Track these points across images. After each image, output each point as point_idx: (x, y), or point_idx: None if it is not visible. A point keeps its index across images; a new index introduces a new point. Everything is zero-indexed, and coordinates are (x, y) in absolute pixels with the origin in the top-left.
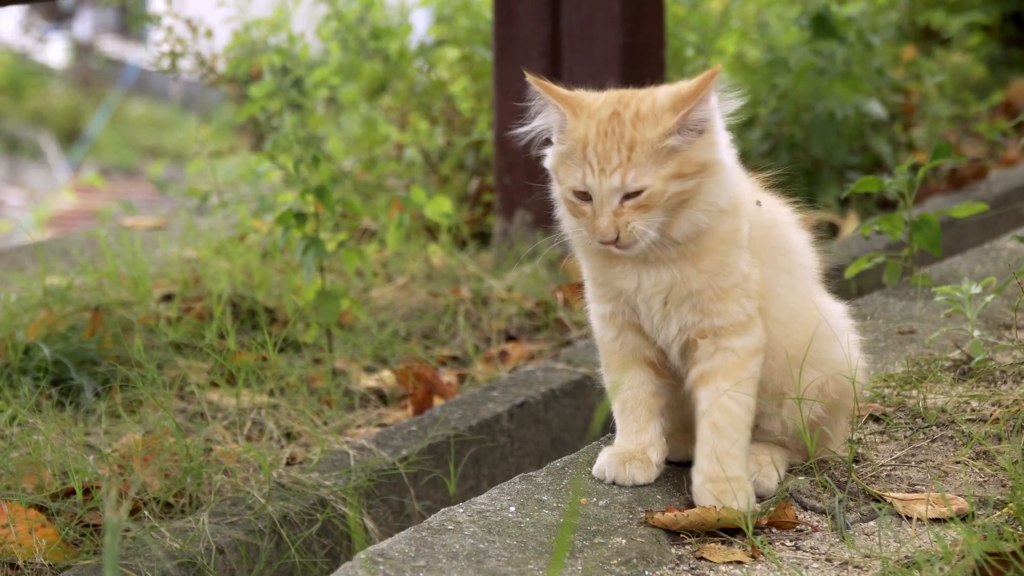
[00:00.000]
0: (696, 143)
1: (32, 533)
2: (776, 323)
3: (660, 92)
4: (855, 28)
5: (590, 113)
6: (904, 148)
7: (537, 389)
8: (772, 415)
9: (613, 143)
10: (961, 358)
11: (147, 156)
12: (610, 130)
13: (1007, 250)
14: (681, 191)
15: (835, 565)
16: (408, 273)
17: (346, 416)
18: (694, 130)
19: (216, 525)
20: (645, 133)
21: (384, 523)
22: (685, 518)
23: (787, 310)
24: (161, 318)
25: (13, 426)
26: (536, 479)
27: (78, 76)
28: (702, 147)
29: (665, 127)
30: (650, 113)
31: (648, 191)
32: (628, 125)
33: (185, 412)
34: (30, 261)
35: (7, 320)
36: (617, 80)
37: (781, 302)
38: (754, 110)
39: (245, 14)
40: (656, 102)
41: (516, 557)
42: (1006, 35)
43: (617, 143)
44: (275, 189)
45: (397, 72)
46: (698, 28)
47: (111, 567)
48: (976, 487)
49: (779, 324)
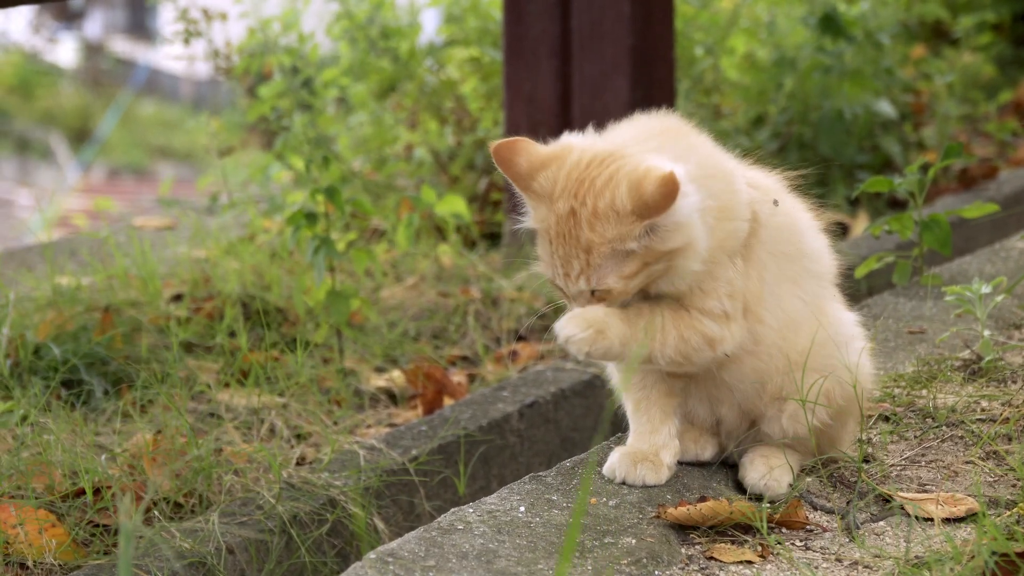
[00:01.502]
0: (665, 236)
1: (42, 533)
2: (769, 329)
3: (622, 184)
4: (863, 27)
5: (551, 201)
6: (914, 148)
7: (547, 389)
8: (772, 419)
9: (572, 247)
10: (971, 358)
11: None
12: (568, 232)
13: (1017, 250)
14: (649, 276)
15: (845, 565)
16: (418, 273)
17: (356, 416)
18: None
19: (226, 525)
20: (604, 234)
21: (394, 523)
22: (698, 511)
23: (784, 316)
24: (171, 318)
25: (24, 426)
26: (546, 479)
27: (88, 76)
28: (670, 239)
29: (624, 232)
30: (609, 211)
31: (611, 291)
32: (584, 227)
33: (195, 412)
34: (39, 261)
35: (17, 320)
36: (627, 80)
37: (778, 308)
38: (763, 109)
39: (259, 10)
40: (616, 199)
41: (526, 557)
42: (1016, 34)
43: (575, 247)
44: (285, 189)
45: (407, 72)
46: (707, 28)
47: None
48: (986, 487)
49: (772, 330)
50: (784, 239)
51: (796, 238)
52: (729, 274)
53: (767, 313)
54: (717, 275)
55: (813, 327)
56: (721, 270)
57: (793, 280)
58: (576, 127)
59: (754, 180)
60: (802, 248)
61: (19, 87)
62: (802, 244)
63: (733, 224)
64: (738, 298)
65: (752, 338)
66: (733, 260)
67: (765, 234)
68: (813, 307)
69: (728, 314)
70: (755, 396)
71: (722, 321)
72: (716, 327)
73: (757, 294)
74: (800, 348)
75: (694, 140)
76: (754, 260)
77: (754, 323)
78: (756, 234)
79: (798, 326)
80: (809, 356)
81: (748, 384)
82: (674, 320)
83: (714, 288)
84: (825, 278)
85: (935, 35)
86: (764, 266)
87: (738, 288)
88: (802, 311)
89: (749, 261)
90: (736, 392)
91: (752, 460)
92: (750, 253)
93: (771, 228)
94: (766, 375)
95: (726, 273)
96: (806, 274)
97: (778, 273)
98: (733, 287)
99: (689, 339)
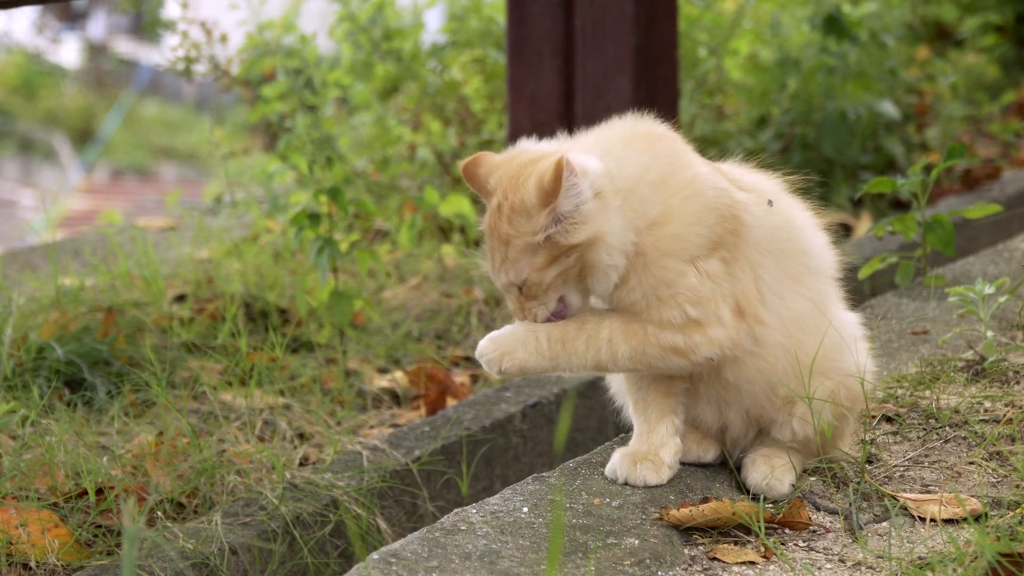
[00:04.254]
0: (569, 229)
1: (45, 534)
2: (771, 329)
3: (532, 178)
4: (867, 28)
5: (490, 198)
6: (917, 148)
7: (550, 389)
8: (783, 423)
9: (495, 240)
10: (974, 359)
11: (160, 157)
12: (493, 225)
13: (1020, 250)
14: (563, 271)
15: (848, 566)
16: (421, 273)
17: (359, 417)
18: (566, 220)
19: (229, 526)
20: (519, 227)
21: (397, 524)
22: (700, 513)
23: (789, 315)
24: (174, 319)
25: (26, 427)
26: (549, 479)
27: (91, 77)
28: (574, 233)
29: (534, 226)
30: (522, 206)
31: (527, 282)
32: (504, 221)
33: (198, 412)
34: (42, 262)
35: (20, 320)
36: (630, 79)
37: (780, 306)
38: (766, 110)
39: (258, 15)
40: (526, 193)
41: (529, 558)
42: (1020, 35)
43: (498, 240)
44: (288, 190)
45: (410, 73)
46: (711, 28)
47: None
48: (989, 488)
49: (774, 329)
50: (781, 237)
51: (794, 236)
52: (690, 281)
53: (768, 313)
54: (672, 282)
55: (819, 326)
56: (678, 277)
57: (795, 278)
58: (579, 127)
59: (751, 183)
60: (801, 246)
61: (22, 87)
62: (801, 242)
63: (677, 228)
64: (711, 303)
65: (752, 339)
66: (695, 264)
67: (759, 234)
68: (818, 305)
69: (698, 320)
70: (765, 400)
71: (690, 329)
72: (679, 336)
73: (750, 294)
74: (808, 348)
75: (662, 145)
76: (741, 261)
77: (753, 324)
78: (740, 235)
79: (804, 325)
80: (818, 357)
81: (756, 385)
82: (624, 334)
83: (671, 296)
84: (826, 275)
85: (939, 36)
86: (760, 265)
87: (707, 293)
88: (808, 310)
89: (736, 262)
90: (744, 394)
91: (754, 461)
92: (736, 254)
93: (766, 228)
94: (773, 375)
95: (686, 280)
96: (807, 272)
97: (778, 272)
98: (698, 293)
99: (646, 351)
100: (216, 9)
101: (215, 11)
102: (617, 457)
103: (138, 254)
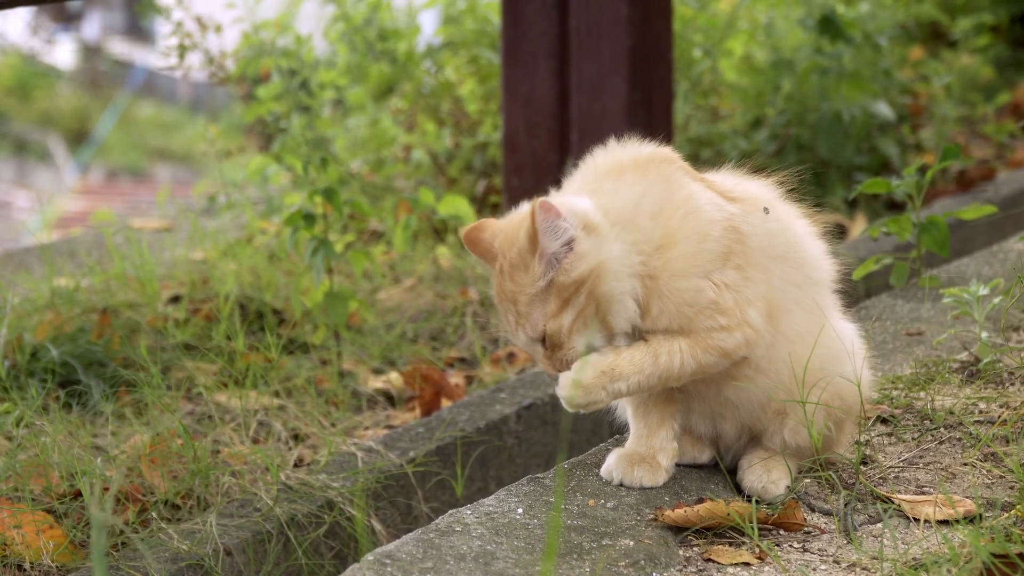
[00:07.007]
0: (567, 267)
1: (39, 535)
2: (785, 339)
3: (521, 230)
4: (861, 29)
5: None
6: (912, 149)
7: (545, 391)
8: (774, 432)
9: (504, 302)
10: (969, 360)
11: (155, 158)
12: (499, 287)
13: (1015, 252)
14: (578, 312)
15: (842, 567)
16: (416, 275)
17: (354, 418)
18: (563, 259)
19: (224, 527)
20: (520, 281)
21: (392, 525)
22: (695, 514)
23: (795, 326)
24: (169, 320)
25: (20, 428)
26: (544, 480)
27: (86, 78)
28: (574, 268)
29: (533, 275)
30: (519, 260)
31: (546, 334)
32: (507, 279)
33: (193, 414)
34: (37, 263)
35: (15, 321)
36: (625, 81)
37: (790, 317)
38: (761, 111)
39: (254, 15)
40: (519, 245)
41: (524, 559)
42: (1014, 36)
43: (507, 301)
44: (283, 191)
45: (405, 74)
46: (706, 29)
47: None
48: (984, 489)
49: (787, 340)
50: (780, 243)
51: (793, 244)
52: (709, 295)
53: (783, 323)
54: (693, 301)
55: (820, 338)
56: (697, 295)
57: (798, 286)
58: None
59: (745, 192)
60: (800, 255)
61: (17, 88)
62: (800, 251)
63: (686, 247)
64: (735, 311)
65: (766, 353)
66: (711, 279)
67: (760, 241)
68: (818, 315)
69: (727, 327)
70: (760, 411)
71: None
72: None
73: (772, 297)
74: (801, 359)
75: (653, 171)
76: (755, 265)
77: (775, 332)
78: (744, 242)
79: (803, 339)
80: (815, 371)
81: (755, 402)
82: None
83: (697, 313)
84: (825, 285)
85: (933, 37)
86: (769, 271)
87: (729, 303)
88: (806, 322)
89: (751, 267)
90: (742, 409)
91: (750, 462)
92: (747, 260)
93: (764, 235)
94: (773, 392)
95: (705, 296)
96: (808, 282)
97: (782, 278)
98: (720, 306)
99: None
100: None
101: (209, 8)
102: (613, 459)
103: (133, 255)
